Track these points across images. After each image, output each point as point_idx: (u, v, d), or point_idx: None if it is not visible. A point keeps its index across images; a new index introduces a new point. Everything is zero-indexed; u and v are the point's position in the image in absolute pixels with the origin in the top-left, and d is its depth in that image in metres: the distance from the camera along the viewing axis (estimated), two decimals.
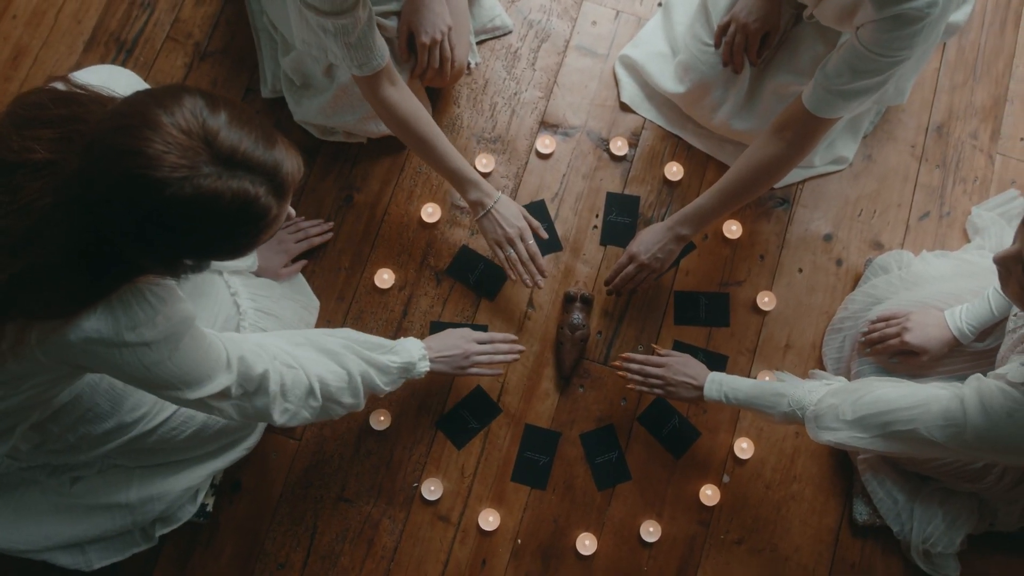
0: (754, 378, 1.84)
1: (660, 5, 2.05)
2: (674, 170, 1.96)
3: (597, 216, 1.95)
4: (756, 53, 1.78)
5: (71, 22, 2.00)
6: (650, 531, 1.78)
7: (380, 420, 1.81)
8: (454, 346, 1.62)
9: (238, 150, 0.94)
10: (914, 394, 1.33)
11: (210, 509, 1.73)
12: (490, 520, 1.78)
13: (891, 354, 1.66)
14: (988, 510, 1.73)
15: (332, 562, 1.76)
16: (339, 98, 1.81)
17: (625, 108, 2.02)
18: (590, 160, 1.98)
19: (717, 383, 1.61)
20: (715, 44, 1.83)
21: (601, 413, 1.85)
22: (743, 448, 1.83)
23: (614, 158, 1.98)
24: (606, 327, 1.89)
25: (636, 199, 1.96)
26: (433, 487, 1.79)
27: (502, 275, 1.89)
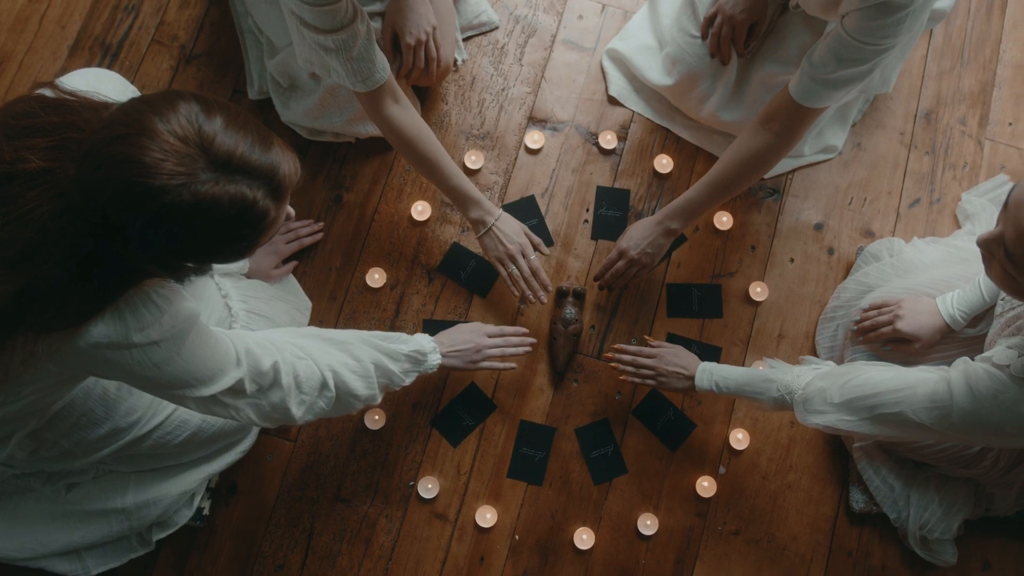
0: (748, 367, 1.84)
1: None
2: (664, 162, 1.96)
3: (588, 210, 1.95)
4: (743, 44, 1.78)
5: (55, 27, 1.99)
6: (647, 524, 1.78)
7: (375, 419, 1.80)
8: (466, 340, 1.63)
9: (235, 154, 0.94)
10: (901, 377, 1.34)
11: (206, 512, 1.73)
12: (487, 517, 1.78)
13: (884, 342, 1.67)
14: (984, 495, 1.74)
15: (330, 562, 1.76)
16: (326, 100, 1.81)
17: (613, 102, 2.01)
18: (579, 154, 1.98)
19: (708, 372, 1.61)
20: (702, 36, 1.83)
21: (596, 407, 1.85)
22: (738, 439, 1.83)
23: (603, 152, 1.98)
24: (599, 321, 1.89)
25: (626, 192, 1.96)
26: (429, 485, 1.79)
27: (494, 272, 1.89)
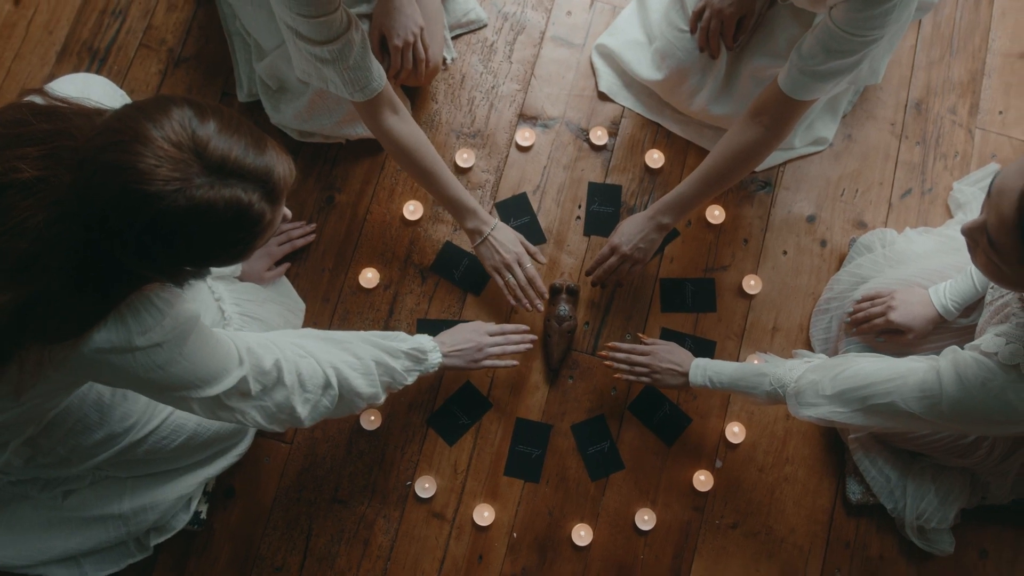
0: (741, 362, 1.84)
1: None
2: (655, 157, 1.96)
3: (580, 207, 1.95)
4: (732, 37, 1.78)
5: (42, 33, 1.98)
6: (645, 519, 1.79)
7: (371, 420, 1.81)
8: (467, 340, 1.63)
9: (229, 158, 0.95)
10: (892, 367, 1.34)
11: (204, 516, 1.73)
12: (485, 515, 1.78)
13: (877, 333, 1.67)
14: (980, 484, 1.74)
15: (329, 564, 1.76)
16: (315, 103, 1.80)
17: (603, 97, 2.01)
18: (570, 151, 1.98)
19: (701, 368, 1.62)
20: (691, 30, 1.82)
21: (591, 404, 1.85)
22: (734, 432, 1.83)
23: (594, 148, 1.98)
24: (593, 317, 1.89)
25: (618, 188, 1.96)
26: (427, 485, 1.79)
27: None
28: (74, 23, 1.99)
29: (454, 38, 2.02)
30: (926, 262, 1.69)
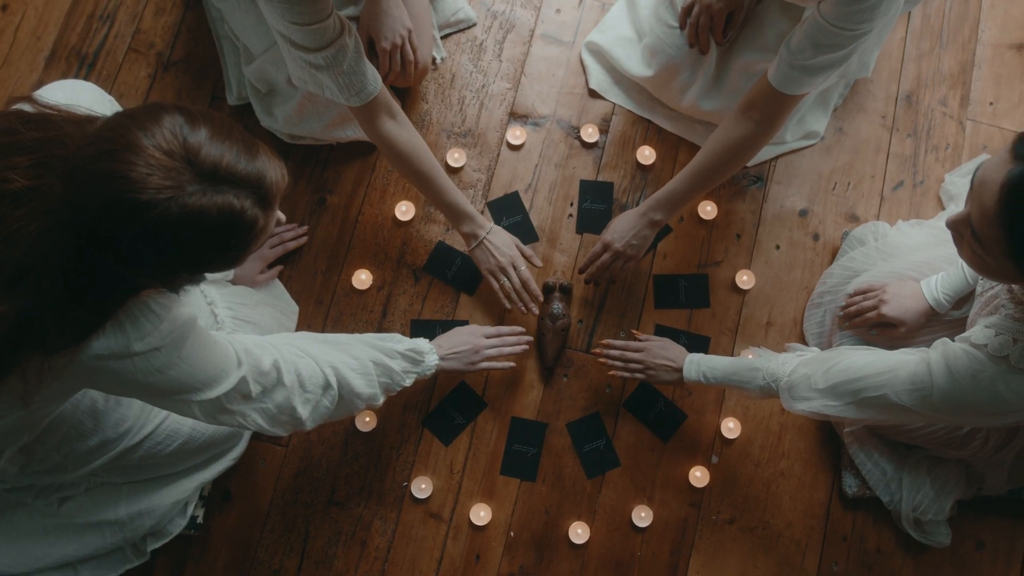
0: (735, 357, 1.84)
1: None
2: (646, 154, 1.96)
3: (572, 205, 1.95)
4: (721, 32, 1.78)
5: (30, 39, 1.97)
6: (642, 516, 1.79)
7: (365, 421, 1.80)
8: (464, 342, 1.64)
9: (220, 165, 0.95)
10: (883, 360, 1.34)
11: (200, 520, 1.73)
12: (481, 515, 1.78)
13: (870, 327, 1.67)
14: (975, 475, 1.74)
15: (326, 566, 1.76)
16: (304, 106, 1.80)
17: (594, 95, 2.01)
18: (562, 149, 1.98)
19: (695, 363, 1.62)
20: (680, 26, 1.82)
21: (586, 401, 1.85)
22: (730, 428, 1.83)
23: (586, 145, 1.98)
24: (587, 315, 1.89)
25: (610, 185, 1.95)
26: (423, 485, 1.79)
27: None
28: (62, 28, 1.99)
29: (443, 37, 2.01)
30: (918, 255, 1.69)
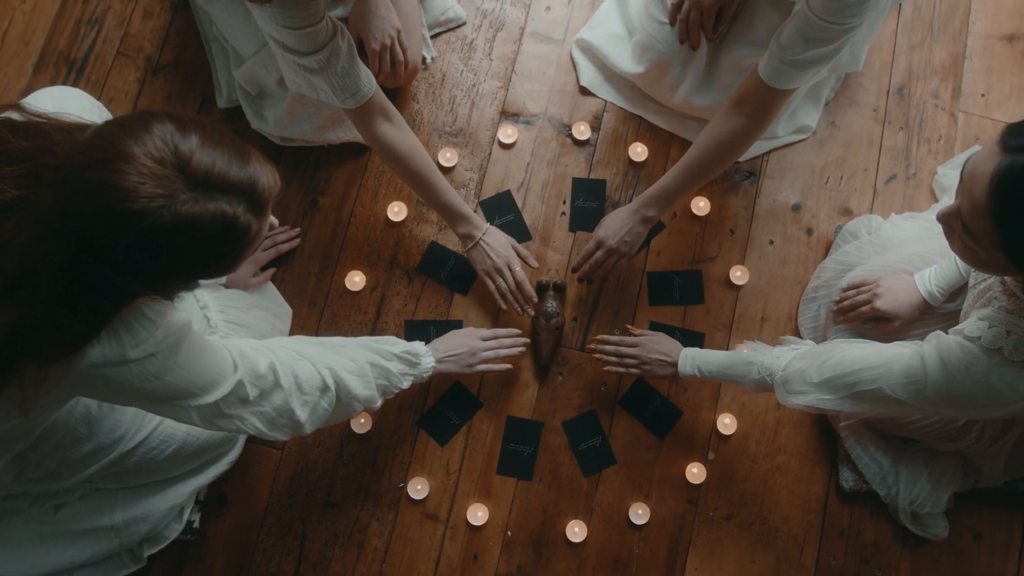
0: (730, 351, 1.84)
1: None
2: (638, 151, 1.95)
3: (564, 202, 1.94)
4: (711, 28, 1.77)
5: (18, 44, 1.97)
6: (639, 513, 1.78)
7: (361, 423, 1.80)
8: (460, 345, 1.64)
9: (212, 172, 0.94)
10: (878, 354, 1.34)
11: (197, 525, 1.72)
12: (478, 515, 1.77)
13: (864, 321, 1.67)
14: (972, 468, 1.74)
15: (324, 568, 1.76)
16: (294, 108, 1.80)
17: (585, 92, 2.00)
18: (553, 147, 1.97)
19: (690, 358, 1.62)
20: (670, 22, 1.82)
21: (582, 399, 1.85)
22: (726, 424, 1.83)
23: (577, 143, 1.97)
24: (581, 313, 1.89)
25: (603, 183, 1.95)
26: (419, 486, 1.78)
27: (473, 269, 1.88)
28: (50, 33, 1.98)
29: (433, 37, 2.01)
30: (911, 248, 1.69)
